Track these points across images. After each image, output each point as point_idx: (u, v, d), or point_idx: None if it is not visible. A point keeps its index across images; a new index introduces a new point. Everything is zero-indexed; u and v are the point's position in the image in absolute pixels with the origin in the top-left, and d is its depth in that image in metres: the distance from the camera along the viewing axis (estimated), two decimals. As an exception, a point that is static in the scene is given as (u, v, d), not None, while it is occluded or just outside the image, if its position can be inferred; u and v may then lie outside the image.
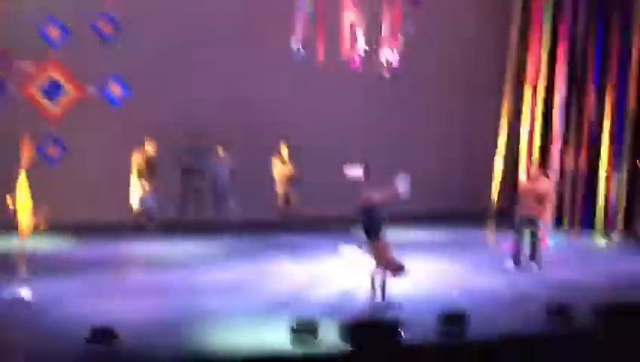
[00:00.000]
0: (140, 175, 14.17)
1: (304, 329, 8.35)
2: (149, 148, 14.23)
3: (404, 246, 13.16)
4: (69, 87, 10.98)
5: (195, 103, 15.07)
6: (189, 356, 8.06)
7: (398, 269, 10.13)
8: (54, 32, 10.98)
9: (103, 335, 7.95)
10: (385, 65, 12.53)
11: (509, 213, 13.24)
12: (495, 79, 15.20)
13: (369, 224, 10.18)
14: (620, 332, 8.79)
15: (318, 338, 8.32)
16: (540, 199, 12.30)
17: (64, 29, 10.97)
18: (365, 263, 10.29)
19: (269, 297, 10.38)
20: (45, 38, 10.96)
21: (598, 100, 14.51)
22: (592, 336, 8.83)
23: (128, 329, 8.30)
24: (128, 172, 14.19)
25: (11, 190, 10.31)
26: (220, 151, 14.74)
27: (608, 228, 14.54)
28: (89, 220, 14.11)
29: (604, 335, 8.79)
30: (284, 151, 14.78)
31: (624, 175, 14.57)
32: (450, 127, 16.78)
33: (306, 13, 11.99)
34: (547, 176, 13.39)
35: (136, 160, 14.18)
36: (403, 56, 12.61)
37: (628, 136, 14.46)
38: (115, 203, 14.26)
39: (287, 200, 14.93)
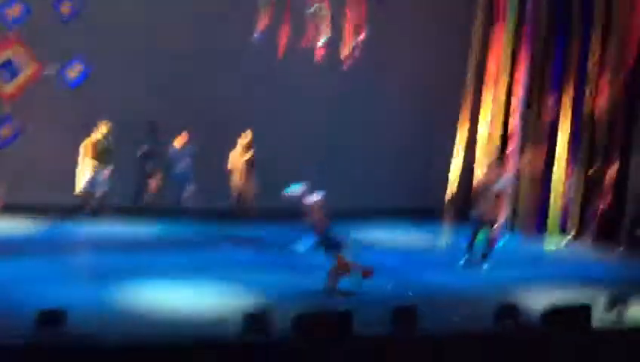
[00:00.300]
0: (91, 156, 13.98)
1: (256, 318, 8.34)
2: (103, 130, 14.04)
3: (360, 243, 13.35)
4: (25, 67, 10.81)
5: (154, 90, 14.94)
6: (139, 341, 8.01)
7: (368, 272, 10.36)
8: (14, 11, 10.81)
9: (52, 318, 7.87)
10: (346, 57, 12.54)
11: (464, 211, 13.37)
12: (456, 79, 15.30)
13: (329, 243, 10.38)
14: (566, 333, 8.92)
15: (270, 328, 8.33)
16: (496, 199, 12.43)
17: (25, 8, 10.81)
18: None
19: (221, 286, 10.37)
20: (2, 17, 10.78)
21: (556, 103, 14.66)
22: (536, 337, 8.95)
23: (78, 312, 8.23)
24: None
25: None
26: (179, 139, 14.65)
27: (562, 230, 14.71)
28: (42, 202, 13.94)
29: (550, 337, 8.91)
30: (245, 140, 14.72)
31: (580, 177, 14.78)
32: (410, 125, 16.86)
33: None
34: (503, 177, 13.52)
35: (88, 142, 13.99)
36: (365, 50, 12.66)
37: (585, 140, 14.65)
38: (70, 185, 14.10)
39: (243, 189, 14.87)
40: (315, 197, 10.66)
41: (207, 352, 7.93)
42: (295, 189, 10.76)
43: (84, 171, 14.03)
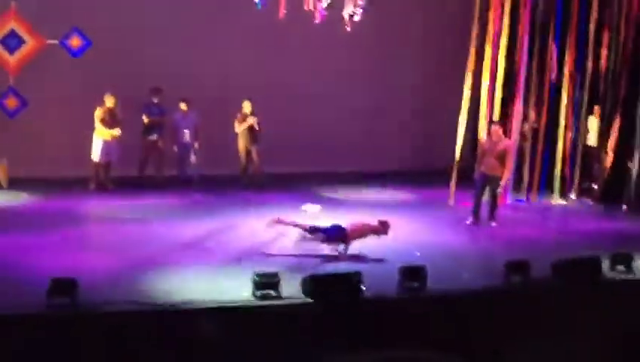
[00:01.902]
0: (103, 126, 14.00)
1: (265, 282, 8.40)
2: (110, 101, 14.06)
3: (367, 205, 13.39)
4: (28, 39, 10.79)
5: (156, 58, 14.88)
6: (150, 307, 8.07)
7: (383, 227, 10.47)
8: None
9: (64, 286, 7.93)
10: (348, 20, 12.48)
11: (470, 171, 13.39)
12: (460, 39, 15.24)
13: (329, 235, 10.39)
14: (574, 287, 8.98)
15: (280, 291, 8.38)
16: (501, 158, 12.44)
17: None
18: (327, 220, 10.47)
19: (231, 251, 10.42)
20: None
21: (558, 61, 14.61)
22: (549, 291, 9.01)
23: (89, 281, 8.29)
24: (88, 126, 14.02)
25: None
26: (183, 106, 14.62)
27: (566, 187, 14.74)
28: (48, 175, 13.96)
29: (559, 291, 8.97)
30: (247, 107, 14.69)
31: (582, 136, 14.79)
32: (414, 88, 16.87)
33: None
34: (508, 135, 13.51)
35: (98, 114, 14.03)
36: (367, 10, 12.61)
37: (585, 98, 14.64)
38: (75, 157, 14.11)
39: (248, 158, 14.89)
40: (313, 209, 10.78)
41: (219, 316, 8.01)
42: (312, 208, 10.88)
43: (97, 140, 14.03)
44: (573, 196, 14.76)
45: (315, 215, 11.39)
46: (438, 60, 16.64)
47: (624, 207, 14.07)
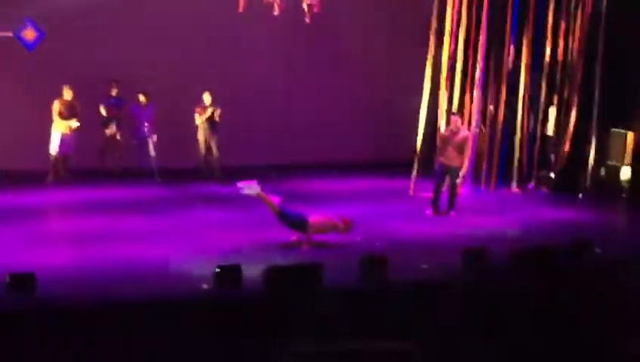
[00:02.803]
0: (60, 119, 13.87)
1: (227, 274, 8.39)
2: (68, 93, 13.92)
3: (328, 195, 13.44)
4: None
5: (114, 49, 14.74)
6: (109, 300, 8.03)
7: (344, 225, 10.56)
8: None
9: (23, 281, 7.85)
10: (307, 11, 12.48)
11: (430, 161, 13.52)
12: (419, 30, 15.32)
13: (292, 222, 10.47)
14: (531, 275, 9.09)
15: (241, 283, 8.38)
16: (460, 148, 12.55)
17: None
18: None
19: (191, 245, 10.39)
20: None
21: (515, 52, 14.74)
22: (506, 281, 9.11)
23: (48, 276, 8.22)
24: (44, 119, 13.86)
25: None
26: (142, 98, 14.53)
27: (523, 177, 14.90)
28: (5, 168, 13.82)
29: (517, 280, 9.08)
30: (207, 99, 14.64)
31: (538, 125, 14.96)
32: (374, 77, 16.91)
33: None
34: (465, 125, 13.63)
35: (56, 106, 13.87)
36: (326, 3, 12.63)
37: (543, 88, 14.80)
38: (32, 150, 13.95)
39: (208, 149, 14.85)
40: (254, 189, 10.66)
41: (181, 308, 7.98)
42: (249, 187, 10.75)
43: (55, 134, 13.88)
44: (530, 185, 14.92)
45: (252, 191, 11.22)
46: (400, 50, 16.68)
47: (580, 195, 14.28)
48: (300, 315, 8.01)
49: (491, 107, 14.87)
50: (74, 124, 13.90)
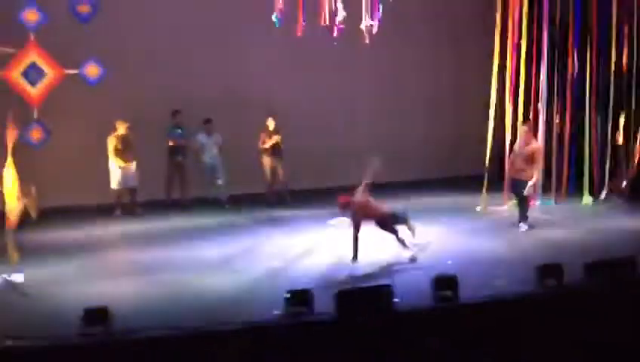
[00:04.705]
0: (116, 155, 14.04)
1: (297, 299, 8.35)
2: (122, 127, 14.03)
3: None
4: (48, 70, 10.88)
5: (177, 80, 14.97)
6: (182, 331, 8.06)
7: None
8: (32, 16, 10.85)
9: (97, 315, 7.94)
10: (365, 33, 12.47)
11: (500, 176, 13.39)
12: (483, 43, 15.21)
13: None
14: (609, 287, 8.86)
15: (312, 308, 8.34)
16: (528, 160, 12.35)
17: (41, 11, 10.83)
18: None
19: (261, 270, 10.40)
20: (24, 22, 10.83)
21: (580, 62, 14.47)
22: (583, 294, 8.89)
23: (121, 308, 8.30)
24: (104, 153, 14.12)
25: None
26: (207, 127, 14.68)
27: (595, 187, 14.59)
28: (73, 203, 14.11)
29: (594, 293, 8.86)
30: (271, 124, 14.72)
31: (608, 136, 14.64)
32: (439, 93, 16.88)
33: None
34: (534, 138, 13.41)
35: (111, 142, 14.03)
36: (386, 20, 12.60)
37: (611, 98, 14.49)
38: (97, 184, 14.17)
39: (274, 175, 14.91)
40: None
41: (252, 334, 7.98)
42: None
43: (114, 168, 14.08)
44: (602, 196, 14.59)
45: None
46: (458, 68, 16.60)
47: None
48: (373, 338, 7.94)
49: (557, 120, 14.63)
50: (133, 166, 14.06)
